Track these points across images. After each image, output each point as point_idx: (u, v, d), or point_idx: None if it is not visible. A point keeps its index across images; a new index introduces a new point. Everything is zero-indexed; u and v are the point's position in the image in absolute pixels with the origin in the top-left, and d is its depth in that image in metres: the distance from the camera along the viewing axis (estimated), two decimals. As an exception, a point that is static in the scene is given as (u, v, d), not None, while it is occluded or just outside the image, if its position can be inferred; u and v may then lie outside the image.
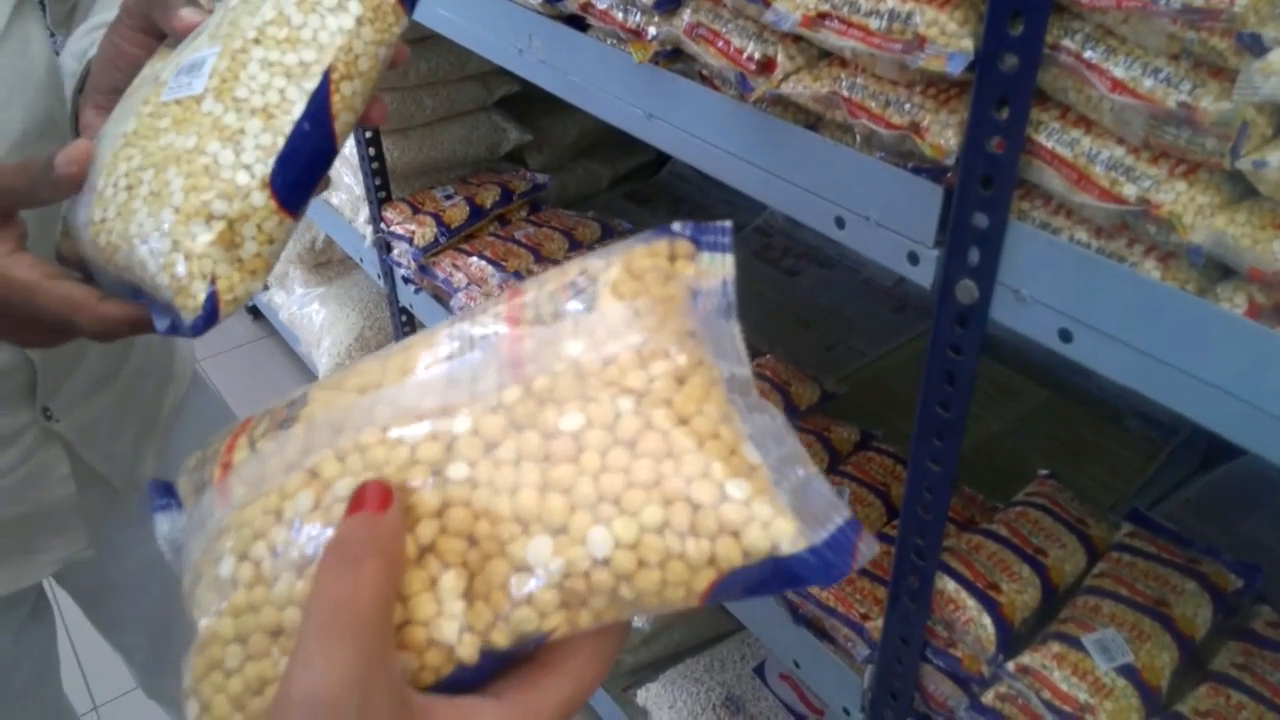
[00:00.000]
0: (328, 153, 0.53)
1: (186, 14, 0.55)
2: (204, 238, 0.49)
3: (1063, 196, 0.60)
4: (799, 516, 0.31)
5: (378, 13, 0.54)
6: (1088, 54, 0.56)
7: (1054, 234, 0.62)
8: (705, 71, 0.84)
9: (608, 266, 0.35)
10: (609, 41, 0.92)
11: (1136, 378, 0.58)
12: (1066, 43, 0.56)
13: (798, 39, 0.74)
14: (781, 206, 0.80)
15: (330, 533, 0.32)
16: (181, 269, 0.49)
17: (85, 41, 0.65)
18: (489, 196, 1.57)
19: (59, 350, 0.74)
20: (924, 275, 0.69)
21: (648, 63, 0.86)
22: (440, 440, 0.32)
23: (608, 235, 1.50)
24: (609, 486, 0.31)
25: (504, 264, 1.42)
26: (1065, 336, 0.61)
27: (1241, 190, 0.54)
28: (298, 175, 0.51)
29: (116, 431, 0.84)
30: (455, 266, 1.46)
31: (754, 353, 1.27)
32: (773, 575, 0.30)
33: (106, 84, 0.59)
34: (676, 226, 0.37)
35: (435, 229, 1.50)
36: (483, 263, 1.43)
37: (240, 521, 0.33)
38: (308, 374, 2.32)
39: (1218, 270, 0.56)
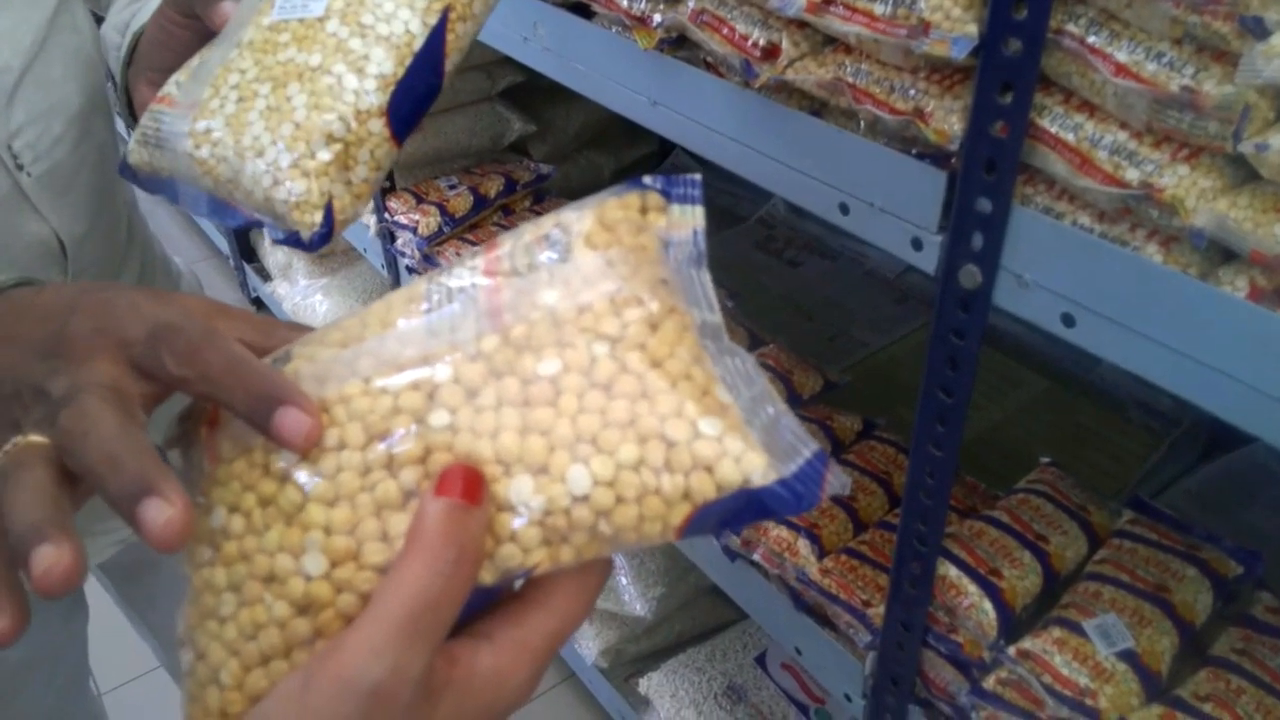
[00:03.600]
0: (435, 90, 0.54)
1: (227, 8, 0.55)
2: (322, 156, 0.49)
3: (1065, 181, 0.61)
4: (769, 451, 0.32)
5: None
6: (1091, 38, 0.56)
7: (1057, 219, 0.62)
8: (710, 59, 0.85)
9: (581, 218, 0.36)
10: (614, 29, 0.93)
11: (1138, 362, 0.59)
12: (1070, 27, 0.57)
13: (802, 25, 0.75)
14: (786, 193, 0.80)
15: (319, 482, 0.32)
16: (300, 186, 0.49)
17: (126, 14, 0.66)
18: (493, 187, 1.57)
19: None
20: (928, 261, 0.69)
21: (653, 50, 0.86)
22: (422, 389, 0.33)
23: (611, 225, 1.50)
24: (586, 427, 0.32)
25: (507, 254, 1.42)
26: (1068, 321, 0.61)
27: (1243, 174, 0.54)
28: (409, 108, 0.52)
29: (168, 405, 0.85)
30: (459, 256, 1.46)
31: (756, 342, 1.28)
32: (745, 507, 0.32)
33: (160, 63, 0.59)
34: (647, 180, 0.38)
35: (439, 219, 1.50)
36: (486, 252, 1.43)
37: (229, 475, 0.34)
38: (311, 365, 2.32)
39: (1220, 254, 0.56)
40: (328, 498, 0.32)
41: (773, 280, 1.62)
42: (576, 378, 0.32)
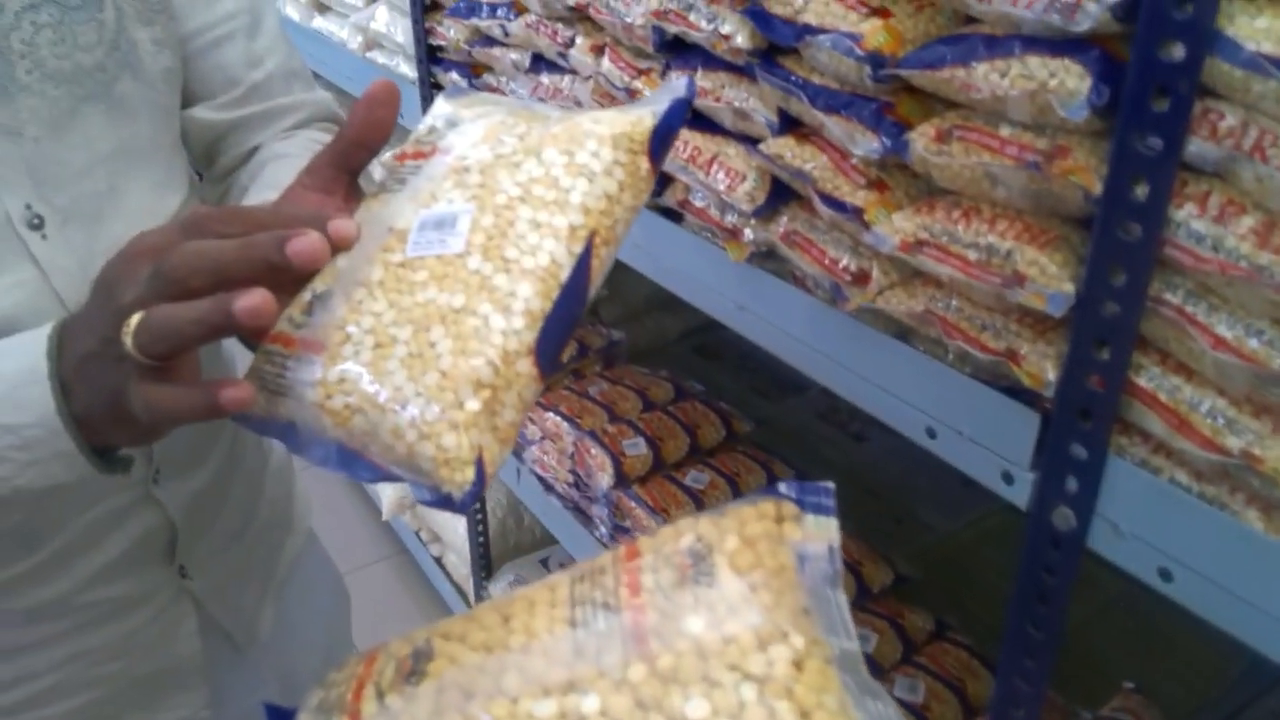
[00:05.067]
0: (579, 317, 0.51)
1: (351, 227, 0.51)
2: (471, 406, 0.45)
3: (1163, 438, 0.61)
4: None
5: (634, 178, 0.52)
6: (1190, 309, 0.57)
7: (1155, 472, 0.62)
8: (798, 272, 0.88)
9: (722, 534, 0.37)
10: (703, 234, 0.97)
11: (1238, 626, 0.58)
12: (1168, 296, 0.58)
13: (894, 256, 0.77)
14: (871, 409, 0.81)
15: None
16: (450, 441, 0.45)
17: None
18: (565, 352, 1.61)
19: (198, 508, 0.78)
20: (1019, 495, 0.69)
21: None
22: (569, 719, 0.33)
23: (680, 397, 1.53)
24: None
25: (579, 421, 1.45)
26: (1165, 576, 0.61)
27: (1348, 451, 0.54)
28: (556, 341, 0.49)
29: (241, 586, 0.86)
30: (530, 420, 1.49)
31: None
32: None
33: None
34: (782, 488, 0.39)
35: (512, 381, 1.53)
36: (558, 419, 1.46)
37: None
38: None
39: (1324, 524, 0.56)
40: None
41: (836, 454, 1.62)
42: None
